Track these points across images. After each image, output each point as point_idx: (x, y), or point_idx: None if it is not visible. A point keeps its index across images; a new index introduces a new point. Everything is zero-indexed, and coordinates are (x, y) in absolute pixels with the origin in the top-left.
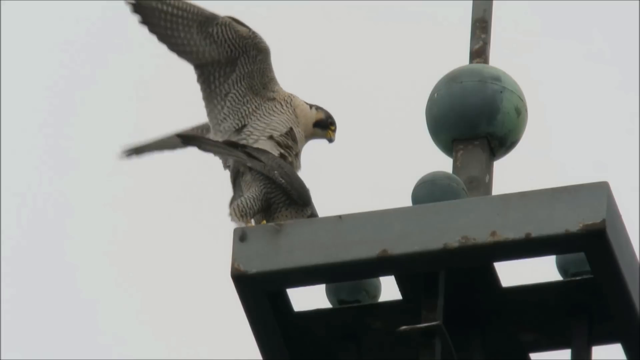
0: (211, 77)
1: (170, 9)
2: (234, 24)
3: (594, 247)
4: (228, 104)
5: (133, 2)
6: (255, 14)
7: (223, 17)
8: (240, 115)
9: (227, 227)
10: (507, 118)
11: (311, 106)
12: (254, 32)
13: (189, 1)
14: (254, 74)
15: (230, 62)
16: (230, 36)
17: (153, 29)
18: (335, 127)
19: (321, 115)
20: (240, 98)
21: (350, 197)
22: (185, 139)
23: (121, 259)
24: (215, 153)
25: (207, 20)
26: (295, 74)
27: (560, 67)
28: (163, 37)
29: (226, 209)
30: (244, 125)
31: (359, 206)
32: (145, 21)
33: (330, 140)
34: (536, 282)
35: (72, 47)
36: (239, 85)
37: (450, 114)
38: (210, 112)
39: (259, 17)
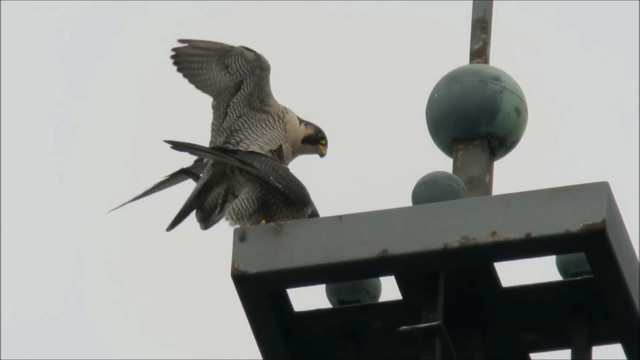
0: (222, 101)
1: (200, 52)
2: (245, 52)
3: (594, 247)
4: (228, 118)
5: (174, 53)
6: (257, 14)
7: (237, 48)
8: (236, 128)
9: (227, 227)
10: (507, 118)
11: (301, 122)
12: (258, 55)
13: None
14: (254, 92)
15: (238, 86)
16: (241, 63)
17: (186, 73)
18: (326, 142)
19: (310, 131)
20: (239, 114)
21: (350, 197)
22: (176, 145)
23: (121, 259)
24: (207, 157)
25: (224, 53)
26: (296, 74)
27: (560, 66)
28: (192, 78)
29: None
30: (236, 131)
31: (359, 206)
32: (180, 68)
33: (322, 154)
34: (536, 282)
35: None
36: (240, 102)
37: (450, 114)
38: (212, 127)
39: (260, 17)
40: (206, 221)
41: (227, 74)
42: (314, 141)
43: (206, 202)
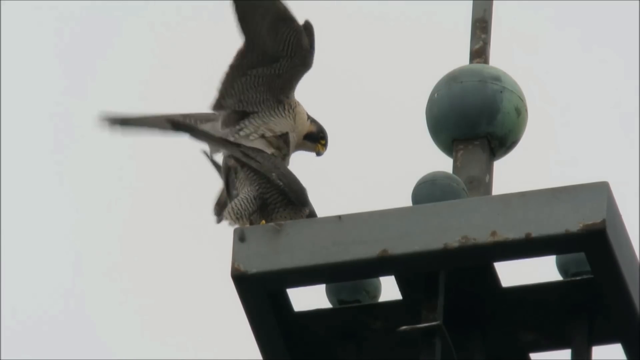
0: (247, 54)
1: None
2: (303, 35)
3: (594, 247)
4: (243, 81)
5: None
6: None
7: (299, 25)
8: (245, 100)
9: (227, 227)
10: (507, 118)
11: (308, 118)
12: (312, 49)
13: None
14: (282, 77)
15: (273, 57)
16: (292, 41)
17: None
18: (326, 142)
19: (313, 129)
20: (255, 86)
21: (350, 197)
22: (177, 125)
23: (121, 259)
24: (207, 144)
25: (284, 17)
26: None
27: (560, 66)
28: (240, 17)
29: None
30: (243, 113)
31: (359, 206)
32: None
33: (318, 153)
34: (536, 282)
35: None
36: (263, 75)
37: (450, 114)
38: (224, 81)
39: None
40: (219, 215)
41: (273, 36)
42: (315, 139)
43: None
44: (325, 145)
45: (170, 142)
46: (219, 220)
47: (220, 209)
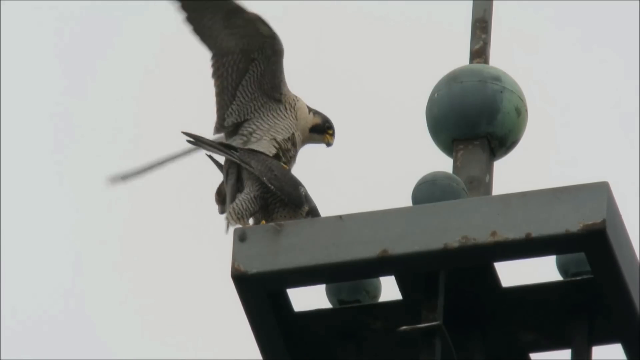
0: (225, 72)
1: None
2: (259, 22)
3: (594, 247)
4: (237, 100)
5: None
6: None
7: (251, 13)
8: (245, 112)
9: (227, 226)
10: (507, 118)
11: (310, 110)
12: (274, 33)
13: None
14: (266, 74)
15: (245, 58)
16: (251, 32)
17: (182, 6)
18: (333, 132)
19: (318, 121)
20: (248, 95)
21: (350, 197)
22: (192, 137)
23: (121, 259)
24: (214, 153)
25: (234, 11)
26: (296, 74)
27: (560, 66)
28: (189, 19)
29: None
30: (247, 121)
31: (359, 206)
32: None
33: (328, 144)
34: (536, 282)
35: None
36: (250, 83)
37: (450, 114)
38: (218, 108)
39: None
40: (223, 205)
41: (233, 34)
42: (321, 130)
43: (223, 188)
44: (333, 135)
45: (170, 142)
46: (221, 210)
47: (220, 198)
